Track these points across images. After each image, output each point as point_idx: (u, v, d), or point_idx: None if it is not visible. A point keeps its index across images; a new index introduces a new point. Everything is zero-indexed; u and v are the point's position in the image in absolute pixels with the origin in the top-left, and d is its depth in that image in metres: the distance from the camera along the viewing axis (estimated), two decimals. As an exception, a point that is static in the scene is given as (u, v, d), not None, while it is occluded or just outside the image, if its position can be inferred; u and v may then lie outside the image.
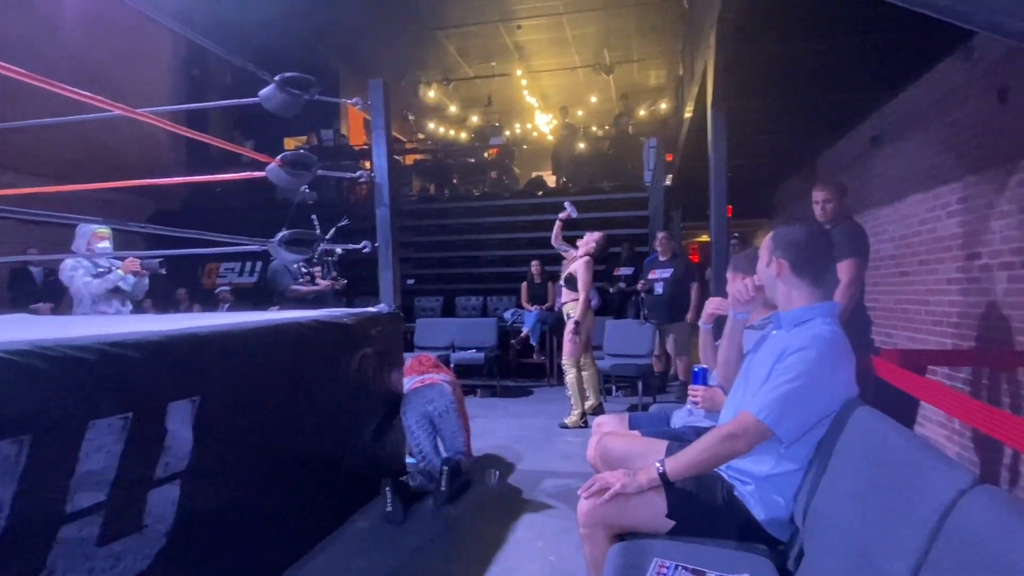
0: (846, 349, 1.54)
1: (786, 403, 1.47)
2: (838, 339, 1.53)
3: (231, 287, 7.87)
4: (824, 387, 1.48)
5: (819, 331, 1.53)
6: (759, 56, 3.79)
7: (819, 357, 1.48)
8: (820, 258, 1.62)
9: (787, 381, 1.48)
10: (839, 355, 1.52)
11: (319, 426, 2.58)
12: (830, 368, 1.49)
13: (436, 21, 9.87)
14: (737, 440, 1.51)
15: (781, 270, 1.63)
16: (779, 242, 1.65)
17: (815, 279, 1.61)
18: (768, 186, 8.77)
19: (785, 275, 1.62)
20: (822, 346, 1.50)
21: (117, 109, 2.58)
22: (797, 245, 1.62)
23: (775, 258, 1.64)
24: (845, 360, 1.53)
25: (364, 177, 3.51)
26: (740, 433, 1.51)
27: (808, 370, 1.47)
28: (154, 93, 9.21)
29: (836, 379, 1.50)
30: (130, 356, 1.63)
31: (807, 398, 1.48)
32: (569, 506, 2.92)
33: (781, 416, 1.47)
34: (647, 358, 5.58)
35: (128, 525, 1.63)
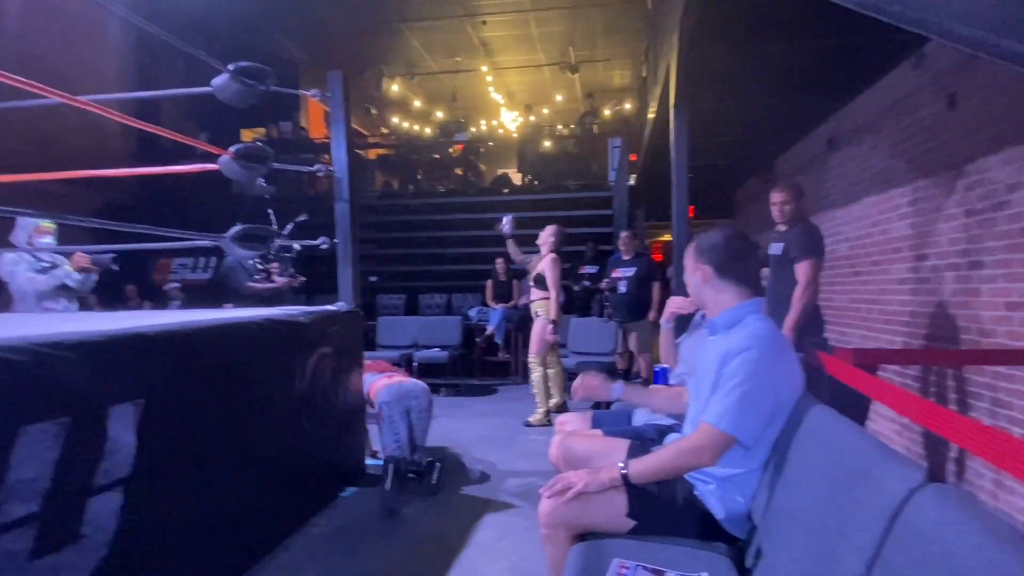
0: (783, 341, 1.60)
1: (741, 407, 1.49)
2: (773, 333, 1.59)
3: (182, 284, 7.57)
4: (770, 383, 1.52)
5: (754, 329, 1.57)
6: (720, 58, 3.86)
7: (760, 355, 1.52)
8: (741, 258, 1.67)
9: (736, 385, 1.50)
10: (778, 349, 1.57)
11: (273, 429, 2.49)
12: (772, 363, 1.53)
13: (400, 14, 9.72)
14: (702, 453, 1.53)
15: (706, 276, 1.67)
16: (700, 249, 1.69)
17: (739, 279, 1.65)
18: (728, 186, 8.97)
19: (711, 280, 1.66)
20: (761, 344, 1.53)
21: (57, 96, 2.44)
22: (716, 248, 1.66)
23: (699, 265, 1.68)
24: (784, 352, 1.58)
25: (323, 171, 3.42)
26: (704, 446, 1.52)
27: (754, 370, 1.50)
28: (101, 80, 8.80)
29: (779, 373, 1.54)
30: (67, 357, 1.53)
31: (758, 397, 1.50)
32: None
33: (739, 421, 1.49)
34: (611, 356, 5.63)
35: (65, 536, 1.54)
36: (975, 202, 2.88)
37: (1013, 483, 2.54)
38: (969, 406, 2.88)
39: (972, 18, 1.04)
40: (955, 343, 3.02)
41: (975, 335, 2.86)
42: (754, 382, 1.49)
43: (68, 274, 3.47)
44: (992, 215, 2.74)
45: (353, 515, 2.89)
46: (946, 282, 3.14)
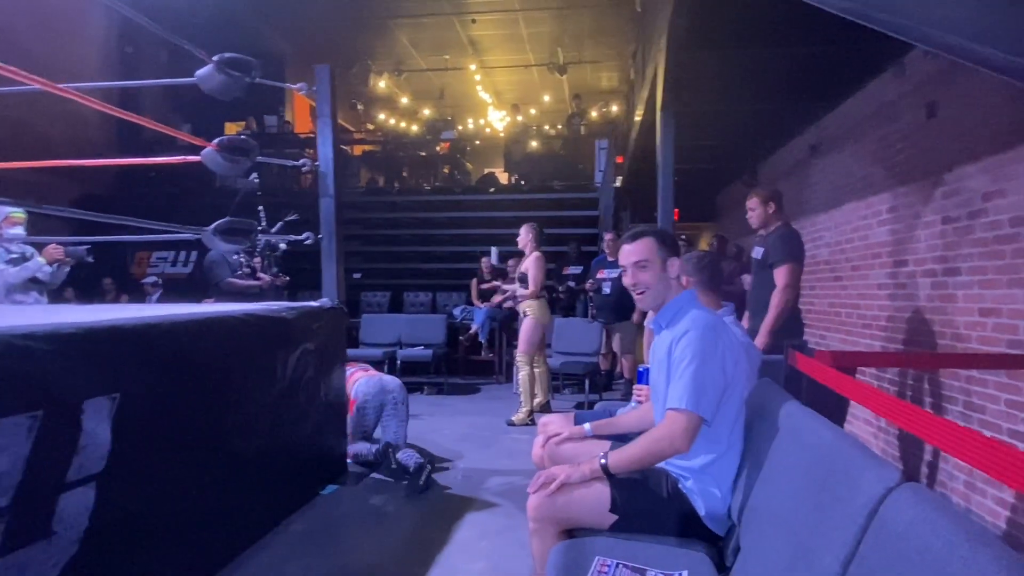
0: (717, 321, 1.70)
1: (695, 384, 1.57)
2: (707, 315, 1.69)
3: (161, 277, 7.45)
4: (715, 356, 1.60)
5: (691, 315, 1.69)
6: (707, 63, 3.89)
7: (700, 333, 1.61)
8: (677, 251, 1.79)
9: (686, 366, 1.59)
10: (715, 326, 1.66)
11: (253, 425, 2.46)
12: (712, 339, 1.61)
13: (388, 9, 9.65)
14: (674, 438, 1.57)
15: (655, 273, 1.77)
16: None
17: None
18: (712, 190, 9.05)
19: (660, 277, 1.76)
20: (697, 323, 1.64)
21: (35, 83, 2.38)
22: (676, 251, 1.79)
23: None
24: (721, 330, 1.67)
25: (308, 166, 3.39)
26: (674, 431, 1.57)
27: (698, 348, 1.59)
28: (82, 69, 8.63)
29: (720, 347, 1.62)
30: (41, 349, 1.50)
31: (708, 371, 1.58)
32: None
33: (697, 398, 1.56)
34: (594, 356, 5.65)
35: (34, 532, 1.50)
36: (952, 209, 2.94)
37: (984, 484, 2.60)
38: (943, 409, 2.93)
39: (953, 26, 1.07)
40: (931, 348, 3.08)
41: (950, 340, 2.92)
42: (700, 358, 1.58)
43: (40, 266, 3.39)
44: (968, 223, 2.79)
45: (334, 513, 2.86)
46: (923, 288, 3.20)
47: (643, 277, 1.73)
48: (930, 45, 1.17)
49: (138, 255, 8.45)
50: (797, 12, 2.92)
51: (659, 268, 1.72)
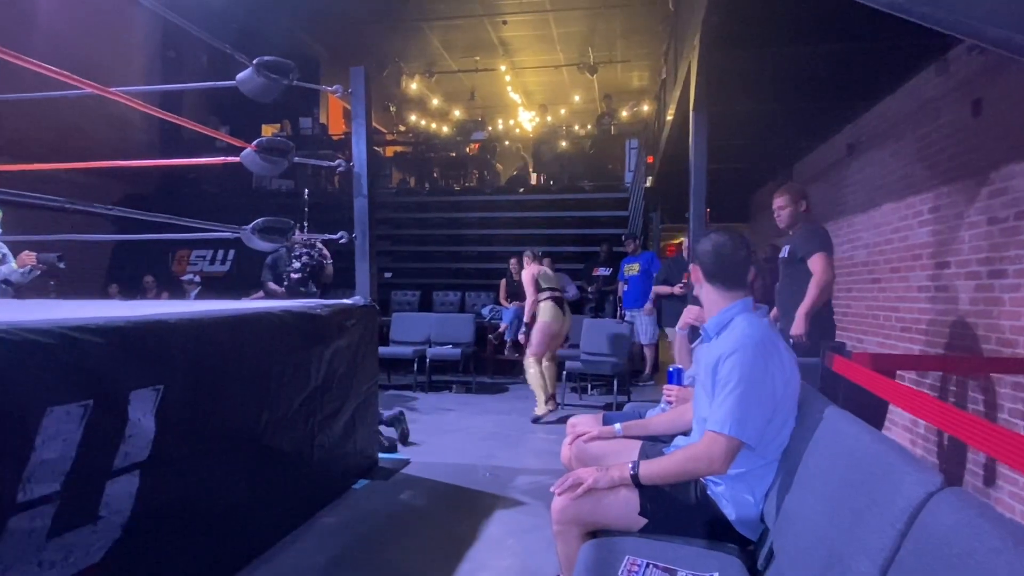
0: (771, 336, 1.59)
1: (740, 409, 1.49)
2: (760, 331, 1.58)
3: (200, 275, 7.67)
4: (764, 380, 1.51)
5: (741, 330, 1.58)
6: (741, 61, 3.83)
7: (750, 354, 1.52)
8: (729, 262, 1.69)
9: (732, 388, 1.51)
10: (767, 344, 1.55)
11: (287, 419, 2.52)
12: (763, 360, 1.52)
13: (421, 12, 9.76)
14: (713, 461, 1.52)
15: (700, 280, 1.73)
16: (695, 252, 1.75)
17: (726, 283, 1.68)
18: (745, 190, 8.90)
19: (704, 284, 1.72)
20: (748, 343, 1.54)
21: (87, 87, 2.49)
22: (707, 252, 1.70)
23: (693, 268, 1.76)
24: (773, 347, 1.57)
25: (343, 166, 3.45)
26: (713, 454, 1.52)
27: (747, 372, 1.50)
28: (127, 73, 8.94)
29: (771, 368, 1.53)
30: (92, 342, 1.57)
31: (755, 396, 1.50)
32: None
33: (742, 424, 1.49)
34: (623, 357, 5.61)
35: (82, 516, 1.57)
36: (998, 210, 2.84)
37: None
38: (988, 416, 2.83)
39: (1001, 19, 1.03)
40: (974, 353, 2.98)
41: (995, 344, 2.81)
42: (748, 383, 1.50)
43: (12, 271, 3.54)
44: (1016, 223, 2.69)
45: (365, 507, 2.91)
46: (966, 290, 3.09)
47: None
48: (976, 39, 1.13)
49: (178, 253, 8.72)
50: (834, 8, 2.87)
51: None
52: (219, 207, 6.82)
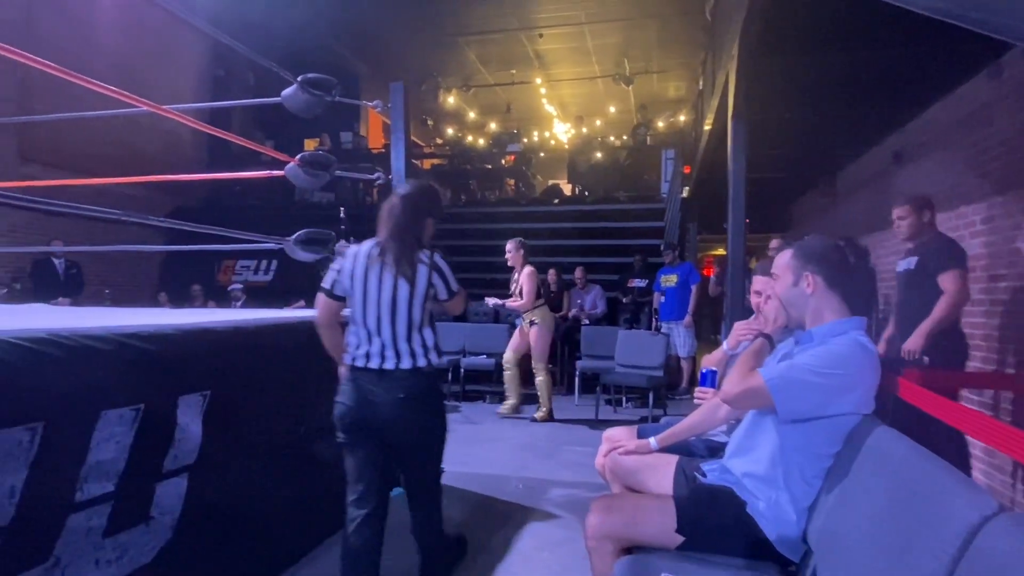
0: (875, 363, 1.51)
1: (801, 383, 1.45)
2: (872, 351, 1.51)
3: (244, 284, 7.93)
4: (843, 387, 1.45)
5: (854, 337, 1.51)
6: (781, 68, 3.78)
7: (848, 357, 1.46)
8: (850, 271, 1.61)
9: (808, 367, 1.46)
10: (868, 364, 1.48)
11: (325, 426, 2.57)
12: (857, 373, 1.46)
13: (458, 27, 9.93)
14: (737, 398, 1.55)
15: (815, 286, 1.58)
16: (808, 256, 1.60)
17: (845, 293, 1.58)
18: (785, 200, 8.71)
19: (819, 291, 1.58)
20: (856, 349, 1.47)
21: (144, 105, 2.62)
22: (829, 259, 1.59)
23: (807, 274, 1.59)
24: (871, 373, 1.49)
25: (382, 179, 3.53)
26: (746, 389, 1.51)
27: (837, 363, 1.44)
28: (179, 91, 9.35)
29: (857, 387, 1.47)
30: (144, 348, 1.64)
31: (822, 391, 1.45)
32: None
33: (788, 392, 1.46)
34: (658, 369, 5.53)
35: (135, 517, 1.63)
36: (1058, 220, 2.71)
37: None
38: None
39: (1059, 25, 1.00)
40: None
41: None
42: (825, 377, 1.44)
43: None
44: (1077, 234, 2.56)
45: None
46: (1022, 304, 2.95)
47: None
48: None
49: (224, 263, 9.02)
50: (880, 14, 2.80)
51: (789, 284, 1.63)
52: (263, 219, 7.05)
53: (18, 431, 1.31)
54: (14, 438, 1.30)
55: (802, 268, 1.60)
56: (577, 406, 5.69)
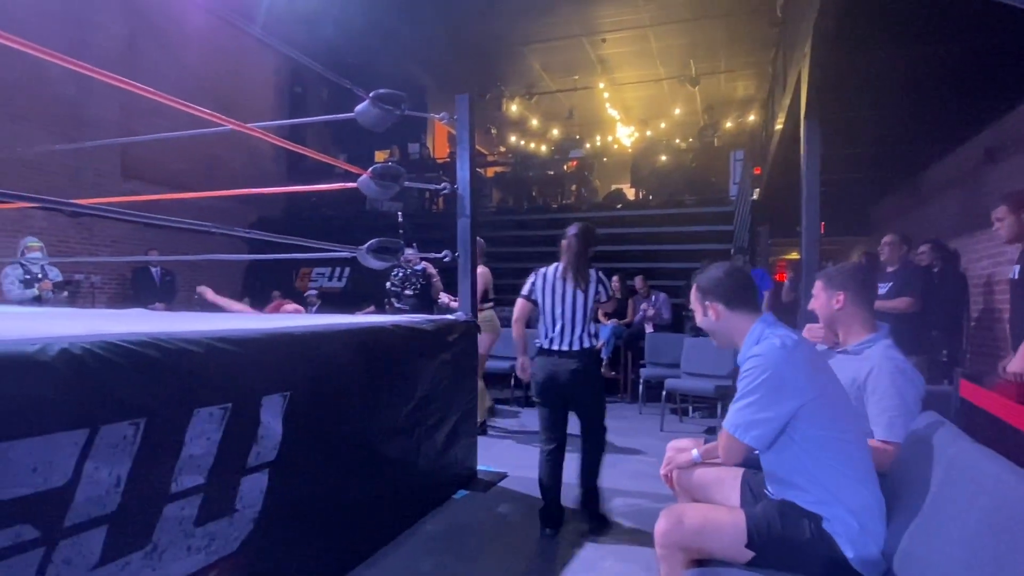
0: (795, 349, 1.58)
1: (747, 412, 1.57)
2: (786, 342, 1.59)
3: (319, 291, 8.32)
4: (771, 389, 1.54)
5: (765, 343, 1.60)
6: (858, 64, 3.60)
7: (762, 364, 1.55)
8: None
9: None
10: (784, 358, 1.56)
11: (395, 428, 2.67)
12: (771, 372, 1.54)
13: (521, 37, 10.05)
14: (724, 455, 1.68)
15: (718, 312, 1.73)
16: (707, 289, 1.75)
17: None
18: (864, 202, 8.26)
19: (724, 315, 1.72)
20: (764, 352, 1.57)
21: (230, 124, 2.82)
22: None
23: (710, 303, 1.74)
24: (789, 361, 1.56)
25: (448, 189, 3.63)
26: (724, 450, 1.66)
27: (752, 379, 1.56)
28: (260, 109, 9.96)
29: (779, 379, 1.54)
30: (232, 351, 1.76)
31: (753, 405, 1.55)
32: (637, 526, 2.85)
33: (748, 428, 1.57)
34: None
35: (222, 508, 1.75)
36: None
37: None
38: None
39: None
40: None
41: None
42: (749, 390, 1.56)
43: (36, 294, 4.61)
44: None
45: (464, 518, 3.00)
46: None
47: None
48: None
49: (302, 271, 9.49)
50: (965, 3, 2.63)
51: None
52: (336, 228, 7.39)
53: (123, 425, 1.44)
54: (120, 432, 1.44)
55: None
56: (641, 415, 5.60)
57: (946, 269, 4.30)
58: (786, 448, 1.56)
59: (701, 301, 1.76)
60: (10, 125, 6.36)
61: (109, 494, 1.42)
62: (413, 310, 4.82)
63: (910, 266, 3.97)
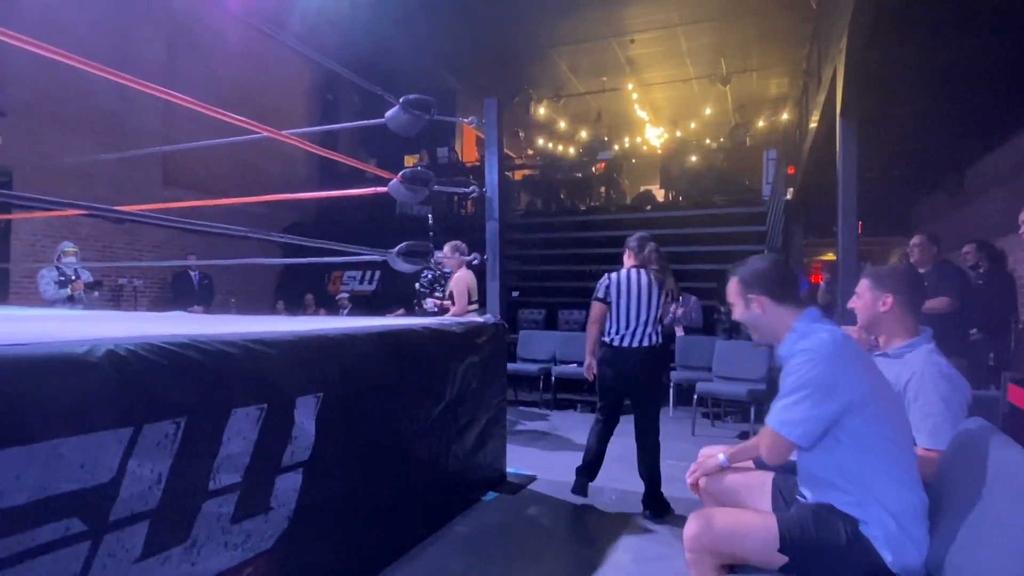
0: (842, 345, 1.53)
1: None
2: (833, 337, 1.54)
3: (350, 294, 8.45)
4: (821, 386, 1.49)
5: (814, 336, 1.55)
6: (896, 59, 3.50)
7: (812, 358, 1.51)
8: (793, 283, 1.72)
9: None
10: (833, 352, 1.51)
11: (425, 429, 2.69)
12: (821, 367, 1.49)
13: (549, 39, 10.05)
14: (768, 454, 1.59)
15: (764, 306, 1.67)
16: (753, 281, 1.70)
17: (795, 301, 1.66)
18: (904, 201, 8.01)
19: (770, 309, 1.66)
20: (814, 347, 1.52)
21: (266, 131, 2.90)
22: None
23: (755, 296, 1.68)
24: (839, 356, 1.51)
25: (476, 192, 3.65)
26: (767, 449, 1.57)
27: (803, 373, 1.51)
28: (294, 116, 10.18)
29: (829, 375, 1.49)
30: (267, 353, 1.81)
31: (802, 399, 1.49)
32: (670, 532, 2.82)
33: (794, 425, 1.51)
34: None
35: (258, 506, 1.80)
36: None
37: None
38: None
39: None
40: None
41: None
42: (799, 384, 1.51)
43: (69, 295, 4.90)
44: None
45: (493, 520, 3.01)
46: None
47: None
48: None
49: (333, 274, 9.67)
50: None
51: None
52: (366, 231, 7.49)
53: (165, 424, 1.49)
54: (162, 430, 1.49)
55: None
56: (672, 418, 5.53)
57: (992, 269, 4.15)
58: (830, 447, 1.51)
59: (744, 295, 1.70)
60: (60, 137, 6.65)
61: (151, 490, 1.47)
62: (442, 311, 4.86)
63: (943, 266, 3.84)
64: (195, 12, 8.13)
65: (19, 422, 1.21)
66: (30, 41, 1.91)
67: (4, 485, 1.19)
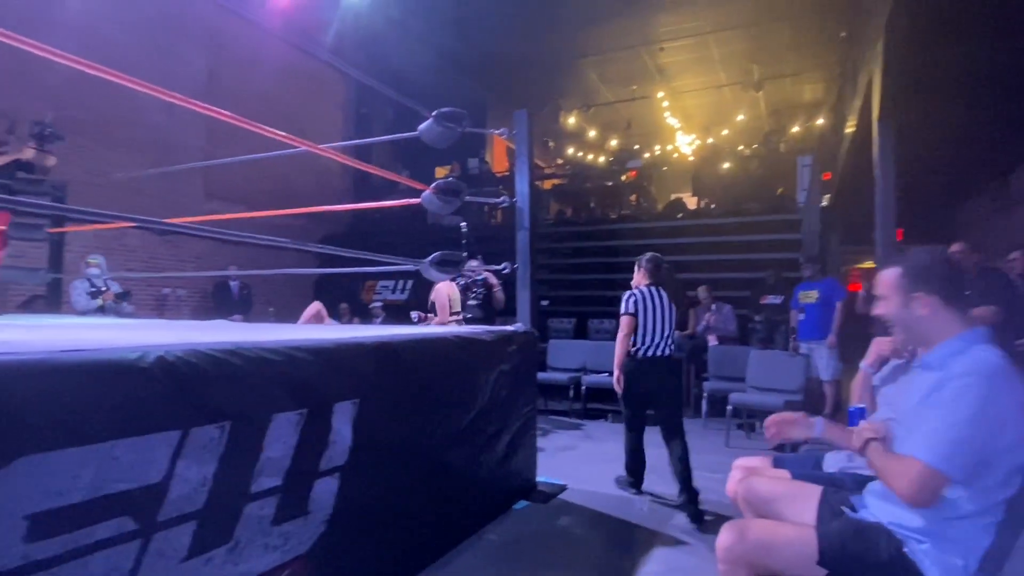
0: (1012, 374, 1.35)
1: (954, 439, 1.33)
2: (1002, 363, 1.36)
3: (383, 303, 8.58)
4: (990, 416, 1.31)
5: (979, 357, 1.38)
6: (934, 63, 3.42)
7: (983, 385, 1.32)
8: (962, 283, 1.53)
9: (950, 414, 1.34)
10: (1005, 381, 1.34)
11: (457, 437, 2.72)
12: (995, 396, 1.32)
13: (579, 49, 10.11)
14: (916, 493, 1.35)
15: (931, 307, 1.47)
16: (919, 276, 1.49)
17: (962, 307, 1.47)
18: (946, 206, 7.76)
19: (937, 311, 1.47)
20: (984, 371, 1.34)
21: (303, 145, 2.99)
22: (943, 274, 1.48)
23: (916, 295, 1.48)
24: (1012, 385, 1.34)
25: (507, 202, 3.69)
26: (914, 485, 1.35)
27: (973, 400, 1.32)
28: (329, 129, 10.43)
29: (1003, 408, 1.32)
30: (307, 359, 1.86)
31: (974, 430, 1.31)
32: (703, 543, 2.78)
33: (951, 455, 1.32)
34: (797, 393, 5.14)
35: (297, 509, 1.85)
36: None
37: None
38: None
39: None
40: None
41: None
42: (970, 412, 1.32)
43: (100, 305, 4.97)
44: None
45: (525, 528, 3.01)
46: None
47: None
48: None
49: (367, 284, 9.84)
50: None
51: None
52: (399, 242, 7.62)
53: (211, 428, 1.55)
54: (208, 434, 1.55)
55: (912, 290, 1.49)
56: (704, 428, 5.44)
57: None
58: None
59: (907, 291, 1.50)
60: (108, 153, 6.96)
61: (197, 492, 1.53)
62: (474, 319, 4.89)
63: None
64: (233, 31, 8.43)
65: (76, 423, 1.28)
66: (86, 63, 2.02)
67: (62, 484, 1.25)
